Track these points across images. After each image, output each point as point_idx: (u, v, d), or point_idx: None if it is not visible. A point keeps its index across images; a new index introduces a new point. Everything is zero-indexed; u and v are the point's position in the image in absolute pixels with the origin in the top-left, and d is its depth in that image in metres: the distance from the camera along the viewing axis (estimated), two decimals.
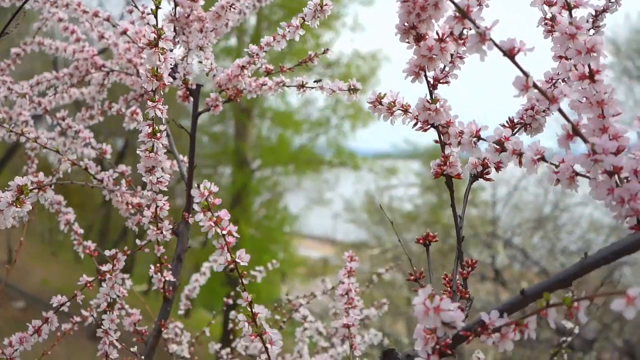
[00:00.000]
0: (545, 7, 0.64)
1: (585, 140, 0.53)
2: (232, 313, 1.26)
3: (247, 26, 9.72)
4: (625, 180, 0.55)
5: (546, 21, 0.64)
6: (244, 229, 10.07)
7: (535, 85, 0.52)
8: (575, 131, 0.53)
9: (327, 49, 1.03)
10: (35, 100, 1.20)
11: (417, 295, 0.53)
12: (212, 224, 0.64)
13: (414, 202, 10.67)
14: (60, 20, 1.24)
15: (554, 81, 0.71)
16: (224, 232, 0.64)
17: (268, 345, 0.67)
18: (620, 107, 0.56)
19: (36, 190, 0.68)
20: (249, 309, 0.67)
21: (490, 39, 0.51)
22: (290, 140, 11.80)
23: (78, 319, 1.15)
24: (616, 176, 0.55)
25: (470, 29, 0.56)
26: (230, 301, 1.51)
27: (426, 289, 0.53)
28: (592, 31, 0.75)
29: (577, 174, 0.56)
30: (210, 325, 1.49)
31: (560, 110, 0.53)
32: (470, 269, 0.66)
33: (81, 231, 1.13)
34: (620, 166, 0.53)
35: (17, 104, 1.25)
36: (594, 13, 0.76)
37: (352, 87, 0.87)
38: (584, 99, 0.57)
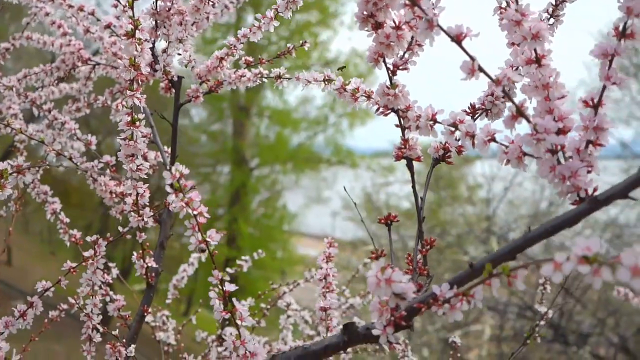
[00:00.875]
0: None
1: (528, 121, 0.56)
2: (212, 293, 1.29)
3: (245, 25, 9.75)
4: (570, 159, 0.58)
5: (501, 10, 0.67)
6: (243, 228, 10.11)
7: (480, 69, 0.55)
8: (519, 112, 0.56)
9: (305, 42, 1.06)
10: (22, 92, 1.23)
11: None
12: (184, 205, 0.67)
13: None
14: (47, 14, 1.27)
15: (514, 68, 0.74)
16: (195, 212, 0.67)
17: (238, 322, 0.70)
18: (566, 89, 0.59)
19: (15, 174, 0.71)
20: (220, 287, 0.70)
21: (438, 25, 0.54)
22: (288, 139, 11.83)
23: (65, 306, 1.18)
24: (561, 155, 0.58)
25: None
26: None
27: (379, 262, 0.56)
28: (552, 20, 0.79)
29: (525, 154, 0.59)
30: (197, 313, 1.52)
31: (504, 92, 0.56)
32: (429, 247, 0.69)
33: (67, 220, 1.15)
34: (563, 144, 0.56)
35: (6, 97, 1.28)
36: (554, 2, 0.79)
37: (326, 78, 0.90)
38: (533, 82, 0.60)
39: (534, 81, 0.59)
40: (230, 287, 0.70)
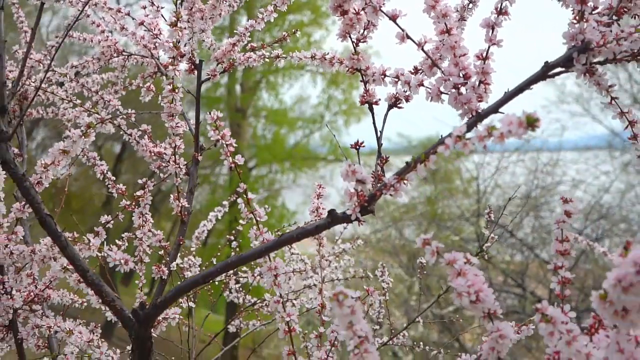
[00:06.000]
0: None
1: (440, 69, 0.88)
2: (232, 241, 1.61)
3: (239, 27, 10.07)
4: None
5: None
6: (244, 227, 10.39)
7: (408, 36, 0.86)
8: (433, 64, 0.88)
9: (297, 30, 1.38)
10: (74, 78, 1.54)
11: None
12: (219, 137, 0.98)
13: (410, 195, 11.01)
14: (88, 16, 1.58)
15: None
16: (227, 143, 0.99)
17: (257, 219, 1.01)
18: (467, 49, 0.90)
19: (100, 124, 1.02)
20: (245, 196, 1.02)
21: (380, 10, 0.86)
22: (285, 138, 12.14)
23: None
24: (464, 90, 0.89)
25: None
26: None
27: (347, 161, 0.87)
28: (470, 5, 1.10)
29: (442, 92, 0.91)
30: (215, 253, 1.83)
31: (424, 50, 0.88)
32: (385, 161, 1.01)
33: (113, 178, 1.46)
34: (463, 83, 0.88)
35: (56, 83, 1.59)
36: None
37: (313, 55, 1.21)
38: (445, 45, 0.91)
39: (445, 45, 0.91)
40: (251, 196, 1.01)
